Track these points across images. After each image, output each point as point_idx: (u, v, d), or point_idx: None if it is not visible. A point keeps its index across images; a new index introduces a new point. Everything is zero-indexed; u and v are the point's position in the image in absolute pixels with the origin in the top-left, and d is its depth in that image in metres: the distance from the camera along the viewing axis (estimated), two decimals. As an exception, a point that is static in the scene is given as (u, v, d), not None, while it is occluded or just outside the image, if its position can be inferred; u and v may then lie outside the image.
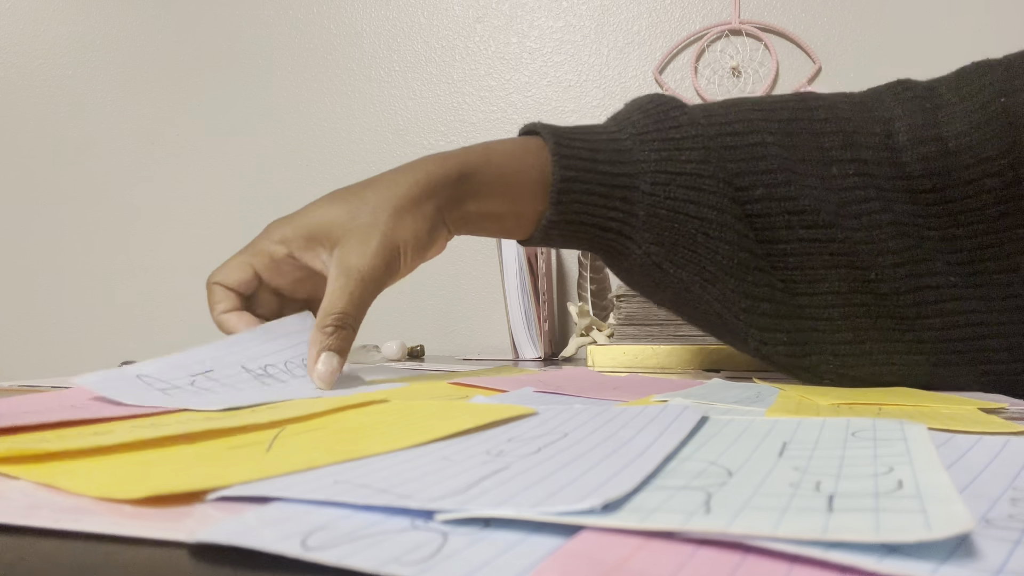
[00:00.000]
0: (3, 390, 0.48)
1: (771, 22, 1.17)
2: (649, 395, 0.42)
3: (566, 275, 1.21)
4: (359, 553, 0.15)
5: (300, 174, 1.32)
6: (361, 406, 0.34)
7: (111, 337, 1.38)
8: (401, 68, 1.30)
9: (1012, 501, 0.19)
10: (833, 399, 0.41)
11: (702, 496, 0.18)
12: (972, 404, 0.40)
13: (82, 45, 1.43)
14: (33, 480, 0.21)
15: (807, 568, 0.14)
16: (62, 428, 0.28)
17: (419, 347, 1.03)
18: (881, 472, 0.20)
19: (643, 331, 0.85)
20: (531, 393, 0.42)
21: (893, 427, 0.27)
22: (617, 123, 0.53)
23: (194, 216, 1.36)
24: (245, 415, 0.32)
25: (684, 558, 0.15)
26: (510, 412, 0.31)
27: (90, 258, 1.40)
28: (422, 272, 1.31)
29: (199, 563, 0.15)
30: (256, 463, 0.23)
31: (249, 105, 1.35)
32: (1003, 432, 0.30)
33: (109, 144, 1.41)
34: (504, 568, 0.14)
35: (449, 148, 0.51)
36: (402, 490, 0.19)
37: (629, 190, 0.50)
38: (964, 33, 1.12)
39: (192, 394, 0.38)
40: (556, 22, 1.25)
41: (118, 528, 0.17)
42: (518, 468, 0.21)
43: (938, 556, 0.15)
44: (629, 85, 1.22)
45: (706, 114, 0.52)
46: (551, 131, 0.51)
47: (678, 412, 0.30)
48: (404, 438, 0.26)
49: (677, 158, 0.50)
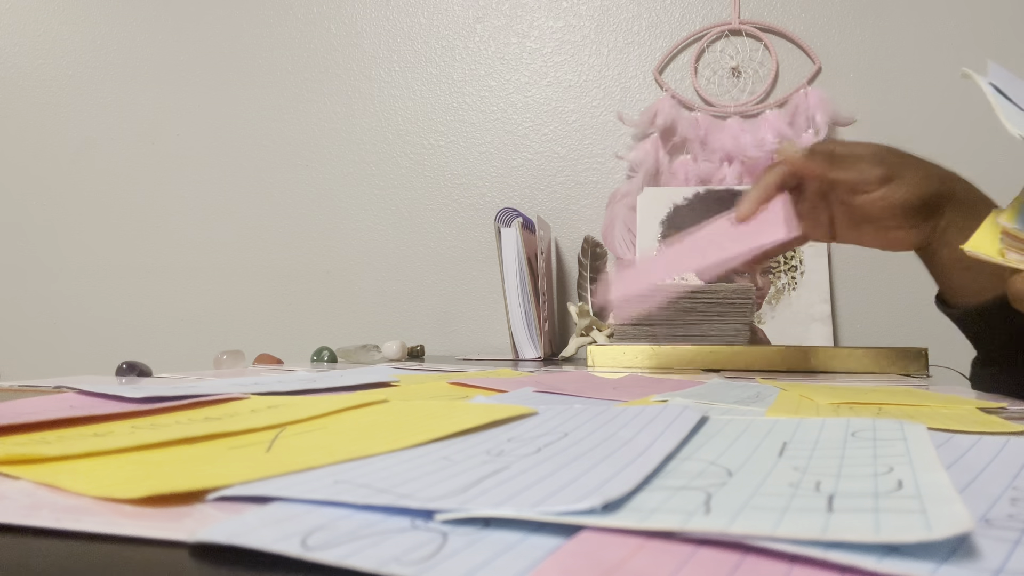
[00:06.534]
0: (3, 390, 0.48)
1: (771, 22, 1.17)
2: (649, 395, 0.42)
3: (566, 275, 1.21)
4: (359, 553, 0.15)
5: (300, 174, 1.32)
6: (361, 406, 0.34)
7: (111, 337, 1.38)
8: (401, 68, 1.30)
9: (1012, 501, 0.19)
10: (833, 399, 0.41)
11: (702, 496, 0.18)
12: (972, 404, 0.40)
13: (82, 45, 1.43)
14: (33, 480, 0.21)
15: (807, 568, 0.14)
16: (62, 428, 0.28)
17: (419, 347, 1.03)
18: (881, 472, 0.20)
19: (643, 331, 0.85)
20: (531, 393, 0.42)
21: (893, 427, 0.27)
22: None
23: (194, 216, 1.36)
24: (245, 415, 0.32)
25: (684, 558, 0.15)
26: (510, 412, 0.31)
27: (90, 258, 1.40)
28: (422, 272, 1.32)
29: (199, 563, 0.15)
30: (256, 463, 0.23)
31: (249, 105, 1.35)
32: (1003, 432, 0.30)
33: (109, 144, 1.41)
34: (504, 568, 0.14)
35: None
36: (402, 490, 0.19)
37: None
38: (964, 33, 1.12)
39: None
40: (556, 22, 1.25)
41: (118, 528, 0.17)
42: (518, 468, 0.21)
43: (938, 556, 0.15)
44: (629, 85, 1.22)
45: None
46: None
47: (678, 412, 0.30)
48: (404, 438, 0.26)
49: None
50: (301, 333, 1.29)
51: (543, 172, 1.24)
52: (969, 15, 1.12)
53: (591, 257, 1.17)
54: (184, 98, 1.38)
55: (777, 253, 0.64)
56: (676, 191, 1.12)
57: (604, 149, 1.22)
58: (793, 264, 1.07)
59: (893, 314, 1.11)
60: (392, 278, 1.28)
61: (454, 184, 1.26)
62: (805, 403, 0.40)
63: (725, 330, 0.85)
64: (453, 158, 1.26)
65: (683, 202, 1.11)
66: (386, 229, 1.29)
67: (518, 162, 1.25)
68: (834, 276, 1.12)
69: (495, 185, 1.25)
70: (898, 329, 1.11)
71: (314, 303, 1.31)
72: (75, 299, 1.40)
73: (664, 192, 1.13)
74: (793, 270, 1.07)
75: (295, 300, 1.31)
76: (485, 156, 1.25)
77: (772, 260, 0.91)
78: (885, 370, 0.73)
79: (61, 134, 1.43)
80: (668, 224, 1.10)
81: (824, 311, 1.05)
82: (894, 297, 1.11)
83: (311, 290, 1.31)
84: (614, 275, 1.12)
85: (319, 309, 1.30)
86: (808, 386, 0.51)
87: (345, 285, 1.30)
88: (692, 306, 0.85)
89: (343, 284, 1.30)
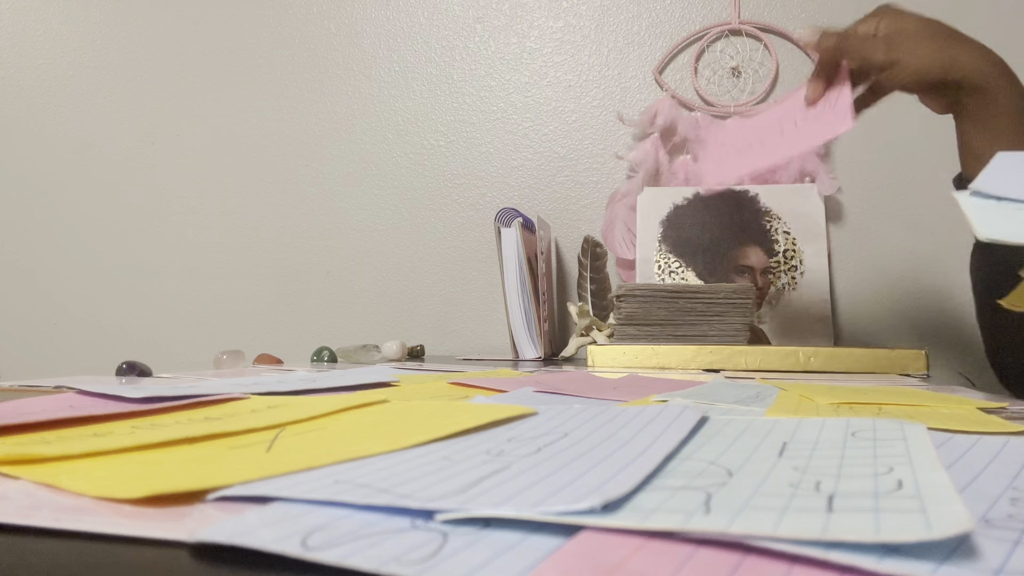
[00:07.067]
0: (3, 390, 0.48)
1: (771, 22, 1.17)
2: (649, 395, 0.42)
3: (566, 275, 1.21)
4: (359, 553, 0.15)
5: (300, 174, 1.32)
6: (361, 406, 0.34)
7: (111, 337, 1.38)
8: (401, 68, 1.30)
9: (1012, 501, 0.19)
10: (833, 399, 0.41)
11: (702, 496, 0.18)
12: (972, 404, 0.40)
13: (82, 45, 1.43)
14: (33, 480, 0.21)
15: (807, 568, 0.14)
16: (62, 428, 0.28)
17: (419, 347, 1.03)
18: (881, 472, 0.20)
19: (643, 331, 0.85)
20: (531, 393, 0.42)
21: (893, 427, 0.27)
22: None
23: (194, 216, 1.36)
24: (245, 415, 0.32)
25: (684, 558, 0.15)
26: (510, 412, 0.31)
27: (90, 258, 1.40)
28: (422, 272, 1.32)
29: (199, 563, 0.15)
30: (256, 463, 0.23)
31: (249, 105, 1.35)
32: (1003, 432, 0.30)
33: (109, 144, 1.41)
34: (504, 568, 0.14)
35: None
36: (402, 490, 0.19)
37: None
38: (964, 33, 1.12)
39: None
40: (556, 22, 1.25)
41: (118, 528, 0.17)
42: (518, 468, 0.21)
43: (938, 556, 0.15)
44: (629, 85, 1.22)
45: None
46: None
47: (678, 412, 0.30)
48: (404, 438, 0.26)
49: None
50: (301, 333, 1.29)
51: (543, 172, 1.24)
52: (969, 15, 1.12)
53: (591, 257, 1.16)
54: (184, 98, 1.38)
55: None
56: (676, 191, 1.12)
57: (604, 149, 1.22)
58: (793, 264, 1.07)
59: (893, 314, 1.11)
60: (392, 278, 1.28)
61: (454, 184, 1.26)
62: (805, 403, 0.40)
63: (725, 330, 0.85)
64: (453, 158, 1.26)
65: (683, 202, 1.11)
66: (386, 229, 1.29)
67: (518, 162, 1.25)
68: (834, 276, 1.12)
69: (495, 185, 1.25)
70: (898, 329, 1.11)
71: (314, 303, 1.31)
72: (75, 299, 1.40)
73: (664, 192, 1.13)
74: (793, 270, 1.07)
75: (295, 300, 1.31)
76: (485, 156, 1.25)
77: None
78: (885, 370, 0.73)
79: (61, 134, 1.43)
80: (668, 224, 1.10)
81: (824, 311, 1.05)
82: (894, 297, 1.11)
83: (311, 290, 1.31)
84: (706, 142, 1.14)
85: (319, 309, 1.30)
86: (808, 386, 0.51)
87: (345, 285, 1.30)
88: (692, 306, 0.85)
89: (343, 284, 1.30)
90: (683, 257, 1.09)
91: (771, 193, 1.09)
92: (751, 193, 1.09)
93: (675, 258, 1.09)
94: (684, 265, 1.08)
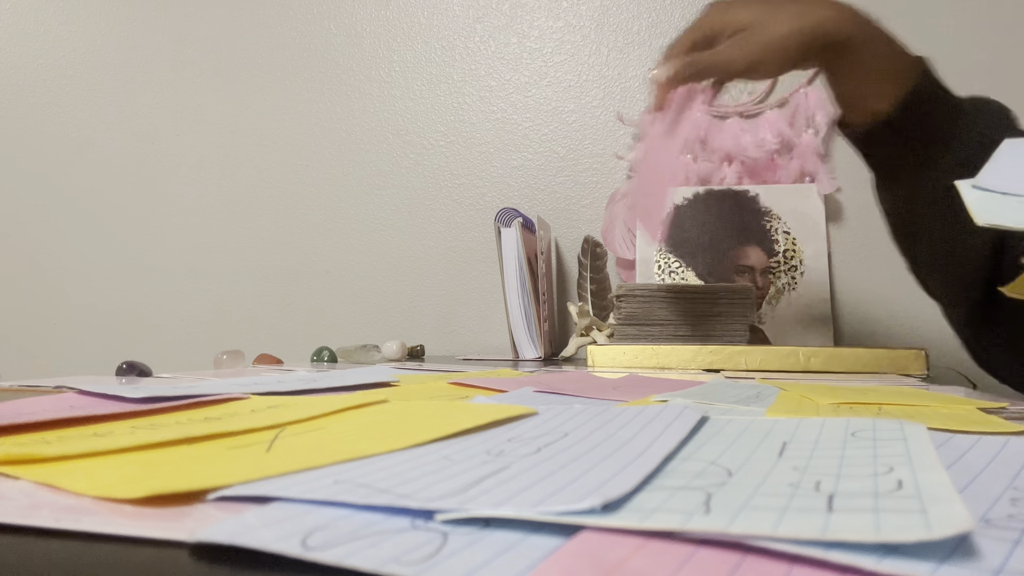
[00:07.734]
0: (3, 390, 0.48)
1: (771, 22, 1.17)
2: (649, 395, 0.42)
3: (566, 275, 1.21)
4: (359, 553, 0.15)
5: (300, 174, 1.32)
6: (361, 406, 0.34)
7: (111, 337, 1.38)
8: (401, 68, 1.30)
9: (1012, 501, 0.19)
10: (833, 399, 0.41)
11: (702, 496, 0.18)
12: (972, 404, 0.40)
13: (82, 45, 1.43)
14: (33, 480, 0.21)
15: (807, 568, 0.14)
16: (62, 428, 0.28)
17: (419, 347, 1.03)
18: (881, 472, 0.20)
19: (643, 331, 0.85)
20: (531, 393, 0.42)
21: (893, 427, 0.27)
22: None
23: (194, 216, 1.36)
24: (245, 415, 0.32)
25: (684, 558, 0.15)
26: (510, 412, 0.31)
27: (90, 258, 1.40)
28: (422, 272, 1.32)
29: (199, 563, 0.15)
30: (256, 463, 0.23)
31: (249, 105, 1.35)
32: (1003, 432, 0.30)
33: (109, 144, 1.41)
34: (504, 568, 0.14)
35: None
36: (402, 490, 0.19)
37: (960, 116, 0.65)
38: (964, 33, 1.12)
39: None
40: (556, 22, 1.25)
41: (118, 528, 0.17)
42: (518, 468, 0.21)
43: (938, 556, 0.15)
44: (629, 85, 1.22)
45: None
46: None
47: (678, 412, 0.30)
48: (404, 438, 0.26)
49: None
50: (301, 333, 1.29)
51: (543, 172, 1.24)
52: (969, 15, 1.12)
53: (591, 257, 1.17)
54: (184, 98, 1.38)
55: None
56: (676, 191, 1.12)
57: (604, 149, 1.22)
58: (793, 264, 1.07)
59: (893, 314, 1.11)
60: (392, 278, 1.28)
61: (454, 184, 1.26)
62: (805, 403, 0.40)
63: (725, 330, 0.85)
64: (453, 158, 1.26)
65: (683, 202, 1.11)
66: (386, 229, 1.29)
67: (518, 162, 1.25)
68: (834, 276, 1.12)
69: (495, 185, 1.25)
70: (898, 329, 1.11)
71: (314, 303, 1.31)
72: (75, 299, 1.40)
73: (664, 192, 1.13)
74: (793, 270, 1.07)
75: (295, 300, 1.31)
76: (485, 156, 1.25)
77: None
78: (885, 370, 0.73)
79: (61, 134, 1.43)
80: (668, 224, 1.10)
81: (824, 311, 1.05)
82: (894, 297, 1.11)
83: (311, 290, 1.31)
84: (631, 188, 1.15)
85: (319, 309, 1.30)
86: (808, 386, 0.51)
87: (345, 285, 1.30)
88: (692, 306, 0.85)
89: (343, 284, 1.30)
90: (683, 257, 1.09)
91: (771, 193, 1.09)
92: (751, 193, 1.10)
93: (675, 258, 1.09)
94: (684, 265, 1.08)
